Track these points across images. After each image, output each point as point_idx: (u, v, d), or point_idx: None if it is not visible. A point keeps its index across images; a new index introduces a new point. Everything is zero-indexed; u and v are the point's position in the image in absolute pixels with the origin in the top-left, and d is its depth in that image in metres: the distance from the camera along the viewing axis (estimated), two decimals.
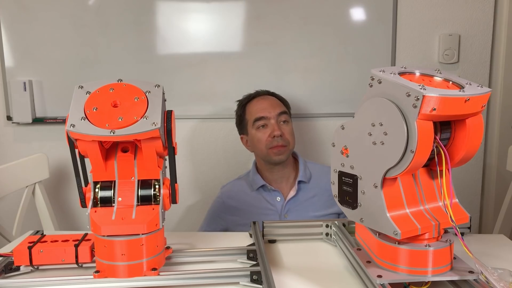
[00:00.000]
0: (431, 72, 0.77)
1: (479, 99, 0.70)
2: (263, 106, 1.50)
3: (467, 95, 0.68)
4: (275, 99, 1.55)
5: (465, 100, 0.68)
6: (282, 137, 1.46)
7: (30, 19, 1.74)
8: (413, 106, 0.66)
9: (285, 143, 1.47)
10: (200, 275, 0.82)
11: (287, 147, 1.47)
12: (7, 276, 0.86)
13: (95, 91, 0.79)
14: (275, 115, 1.48)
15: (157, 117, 0.76)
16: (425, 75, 0.76)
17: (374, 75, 0.72)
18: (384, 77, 0.71)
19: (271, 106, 1.50)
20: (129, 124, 0.74)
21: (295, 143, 1.52)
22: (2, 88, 1.79)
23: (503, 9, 1.75)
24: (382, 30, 1.75)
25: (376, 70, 0.73)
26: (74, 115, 0.75)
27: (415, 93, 0.66)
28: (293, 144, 1.51)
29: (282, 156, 1.47)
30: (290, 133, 1.50)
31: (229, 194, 1.55)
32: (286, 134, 1.48)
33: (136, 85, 0.80)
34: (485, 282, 0.72)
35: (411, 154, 0.68)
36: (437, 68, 0.78)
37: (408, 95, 0.67)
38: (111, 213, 0.80)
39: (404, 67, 0.75)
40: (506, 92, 1.79)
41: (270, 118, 1.48)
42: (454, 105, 0.68)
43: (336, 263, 0.91)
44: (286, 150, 1.47)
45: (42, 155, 1.57)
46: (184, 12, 1.75)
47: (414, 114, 0.66)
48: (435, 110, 0.66)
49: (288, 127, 1.50)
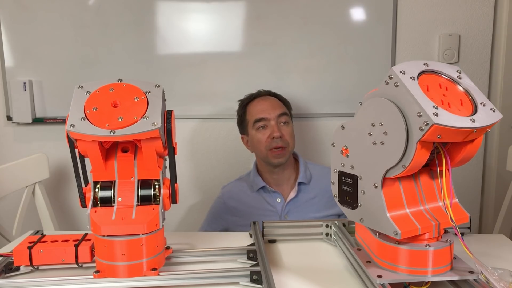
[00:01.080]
0: (453, 75, 0.74)
1: (486, 128, 0.69)
2: (263, 107, 1.50)
3: (476, 127, 0.66)
4: (276, 100, 1.55)
5: (472, 132, 0.67)
6: (282, 138, 1.46)
7: (30, 19, 1.74)
8: (420, 129, 0.65)
9: (285, 144, 1.46)
10: (200, 275, 0.81)
11: (286, 148, 1.47)
12: (7, 276, 0.86)
13: (95, 91, 0.78)
14: (275, 116, 1.48)
15: (157, 117, 0.75)
16: (448, 80, 0.73)
17: (393, 75, 0.70)
18: (402, 82, 0.68)
19: (272, 107, 1.50)
20: (129, 124, 0.74)
21: (295, 144, 1.52)
22: (2, 88, 1.79)
23: (503, 9, 1.75)
24: (382, 30, 1.75)
25: (398, 69, 0.70)
26: (74, 115, 0.75)
27: (426, 118, 0.64)
28: (292, 146, 1.50)
29: (282, 159, 1.47)
30: (290, 135, 1.49)
31: (230, 194, 1.55)
32: (286, 136, 1.47)
33: (136, 85, 0.80)
34: (485, 282, 0.72)
35: (402, 168, 0.69)
36: (459, 69, 0.75)
37: (419, 115, 0.65)
38: (111, 213, 0.80)
39: (426, 64, 0.73)
40: (506, 92, 1.79)
41: (270, 119, 1.48)
42: (459, 135, 0.67)
43: (336, 263, 0.91)
44: (285, 152, 1.47)
45: (42, 155, 1.56)
46: (184, 12, 1.75)
47: (418, 135, 0.66)
48: (440, 137, 0.66)
49: (288, 128, 1.50)
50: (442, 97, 0.69)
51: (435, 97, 0.68)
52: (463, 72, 0.76)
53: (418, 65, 0.72)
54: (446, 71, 0.75)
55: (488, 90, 1.81)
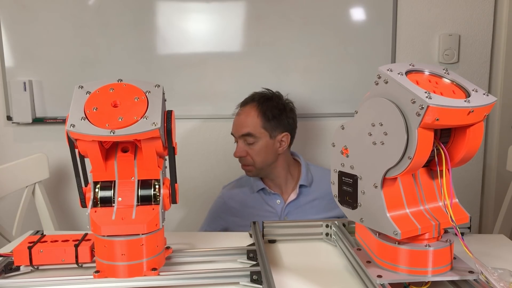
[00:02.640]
0: (440, 71, 0.76)
1: (483, 110, 0.70)
2: (235, 122, 1.49)
3: (471, 106, 0.67)
4: (249, 116, 1.46)
5: (469, 112, 0.68)
6: (246, 157, 1.45)
7: (30, 19, 1.74)
8: (417, 114, 0.66)
9: (248, 163, 1.46)
10: (200, 275, 0.81)
11: (251, 166, 1.46)
12: (7, 276, 0.86)
13: (95, 91, 0.78)
14: (239, 136, 1.46)
15: (157, 117, 0.75)
16: (434, 75, 0.75)
17: (382, 73, 0.71)
18: (391, 77, 0.70)
19: (238, 125, 1.47)
20: (129, 124, 0.74)
21: (267, 159, 1.46)
22: (2, 88, 1.79)
23: (503, 9, 1.75)
24: (382, 30, 1.75)
25: (384, 68, 0.72)
26: (74, 115, 0.75)
27: (420, 102, 0.65)
28: (261, 163, 1.45)
29: (249, 174, 1.48)
30: (256, 153, 1.44)
31: (230, 194, 1.55)
32: (251, 154, 1.45)
33: (136, 85, 0.80)
34: (485, 282, 0.72)
35: (408, 160, 0.68)
36: (445, 68, 0.77)
37: (413, 101, 0.66)
38: (111, 213, 0.80)
39: (412, 65, 0.74)
40: (506, 92, 1.79)
41: (236, 137, 1.48)
42: (457, 116, 0.68)
43: (336, 263, 0.91)
44: (251, 169, 1.47)
45: (42, 155, 1.56)
46: (184, 12, 1.75)
47: (417, 121, 0.66)
48: (438, 120, 0.66)
49: (255, 147, 1.44)
50: (433, 88, 0.70)
51: (427, 88, 0.68)
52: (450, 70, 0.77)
53: (403, 65, 0.74)
54: (432, 69, 0.76)
55: (488, 90, 1.81)
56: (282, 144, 1.48)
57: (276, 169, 1.49)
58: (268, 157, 1.46)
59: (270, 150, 1.46)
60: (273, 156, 1.47)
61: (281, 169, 1.50)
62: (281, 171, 1.50)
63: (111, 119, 0.75)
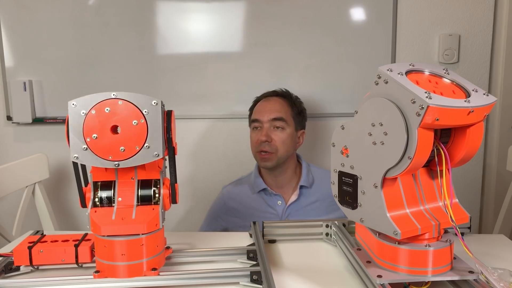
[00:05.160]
0: (440, 71, 0.76)
1: (483, 110, 0.70)
2: (261, 108, 1.50)
3: (471, 106, 0.67)
4: (280, 103, 1.50)
5: (469, 112, 0.68)
6: (270, 143, 1.44)
7: (30, 19, 1.74)
8: (417, 114, 0.65)
9: (272, 150, 1.44)
10: (200, 275, 0.81)
11: (274, 154, 1.44)
12: (7, 276, 0.86)
13: (90, 111, 0.76)
14: (268, 120, 1.46)
15: (158, 146, 0.77)
16: (434, 75, 0.75)
17: (381, 73, 0.71)
18: (391, 77, 0.69)
19: (269, 110, 1.48)
20: (131, 155, 0.77)
21: (288, 151, 1.47)
22: (2, 88, 1.79)
23: (503, 9, 1.75)
24: (382, 30, 1.75)
25: (384, 68, 0.71)
26: (75, 144, 0.76)
27: (420, 102, 0.65)
28: (283, 152, 1.45)
29: (268, 163, 1.45)
30: (282, 141, 1.45)
31: (231, 195, 1.55)
32: (277, 141, 1.44)
33: (132, 101, 0.77)
34: (485, 282, 0.72)
35: (408, 160, 0.68)
36: (445, 68, 0.77)
37: (413, 101, 0.66)
38: (111, 213, 0.80)
39: (412, 65, 0.74)
40: (506, 92, 1.79)
41: (263, 122, 1.47)
42: (457, 116, 0.68)
43: (336, 263, 0.91)
44: (272, 158, 1.44)
45: (42, 155, 1.56)
46: (184, 12, 1.75)
47: (417, 122, 0.66)
48: (438, 120, 0.66)
49: (282, 134, 1.45)
50: (433, 88, 0.70)
51: (427, 88, 0.68)
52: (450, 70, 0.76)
53: (403, 65, 0.74)
54: (432, 69, 0.76)
55: (488, 90, 1.81)
56: (300, 140, 1.53)
57: (287, 164, 1.50)
58: (289, 148, 1.48)
59: (292, 143, 1.49)
60: (293, 149, 1.50)
61: (290, 167, 1.51)
62: (290, 168, 1.51)
63: (112, 150, 0.76)
